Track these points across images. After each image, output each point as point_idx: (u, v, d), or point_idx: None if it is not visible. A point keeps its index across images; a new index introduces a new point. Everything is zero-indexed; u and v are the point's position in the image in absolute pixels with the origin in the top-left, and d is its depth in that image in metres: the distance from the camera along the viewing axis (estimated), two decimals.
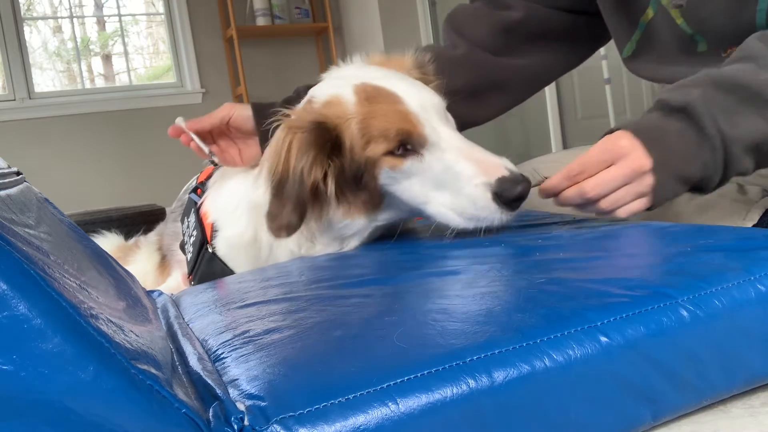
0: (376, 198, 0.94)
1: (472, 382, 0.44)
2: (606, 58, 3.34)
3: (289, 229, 0.91)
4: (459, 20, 1.27)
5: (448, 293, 0.63)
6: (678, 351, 0.50)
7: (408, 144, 0.90)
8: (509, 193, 0.84)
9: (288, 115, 0.94)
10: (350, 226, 0.97)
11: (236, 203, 1.08)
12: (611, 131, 0.82)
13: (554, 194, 0.84)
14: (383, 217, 0.98)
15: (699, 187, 0.82)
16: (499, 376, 0.44)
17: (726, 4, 0.92)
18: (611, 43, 1.19)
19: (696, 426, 0.51)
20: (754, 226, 0.94)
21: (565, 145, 3.87)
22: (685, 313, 0.50)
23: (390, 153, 0.90)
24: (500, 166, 0.87)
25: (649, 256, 0.64)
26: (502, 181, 0.85)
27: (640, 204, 0.81)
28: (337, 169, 0.92)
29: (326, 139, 0.91)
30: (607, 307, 0.50)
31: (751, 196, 0.95)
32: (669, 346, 0.49)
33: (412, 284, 0.69)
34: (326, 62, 4.67)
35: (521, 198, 0.85)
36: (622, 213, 0.81)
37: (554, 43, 1.22)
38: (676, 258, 0.62)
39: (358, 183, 0.92)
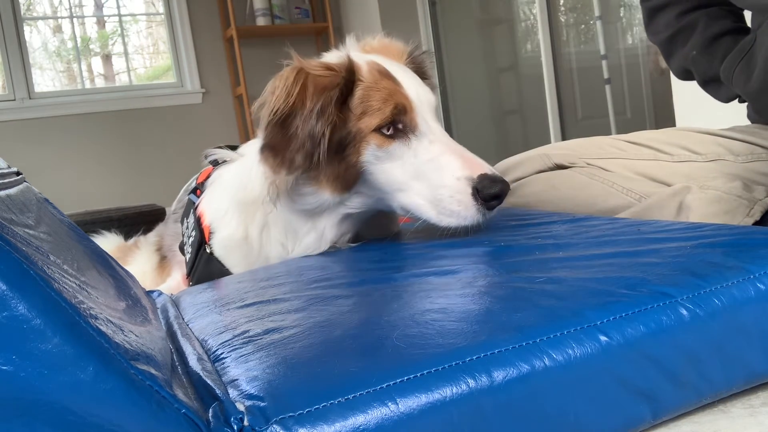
0: (351, 176, 0.93)
1: (471, 382, 0.44)
2: (606, 58, 3.34)
3: (291, 168, 0.90)
4: None
5: (448, 293, 0.63)
6: (678, 350, 0.50)
7: (399, 124, 0.92)
8: (489, 190, 0.87)
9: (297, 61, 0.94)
10: (315, 197, 0.96)
11: (226, 206, 1.09)
12: None
13: None
14: (351, 202, 0.97)
15: None
16: (499, 375, 0.44)
17: None
18: (611, 43, 1.19)
19: (696, 426, 0.50)
20: (756, 223, 0.94)
21: None
22: (684, 312, 0.50)
23: (380, 131, 0.91)
24: (483, 165, 0.89)
25: (648, 254, 0.64)
26: (483, 177, 0.88)
27: None
28: (332, 127, 0.91)
29: (343, 87, 0.92)
30: (607, 307, 0.50)
31: (756, 194, 0.95)
32: (668, 345, 0.49)
33: (411, 284, 0.69)
34: None
35: (499, 197, 0.87)
36: None
37: None
38: (675, 257, 0.62)
39: (339, 153, 0.92)
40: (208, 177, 1.19)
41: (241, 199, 1.06)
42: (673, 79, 2.25)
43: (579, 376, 0.46)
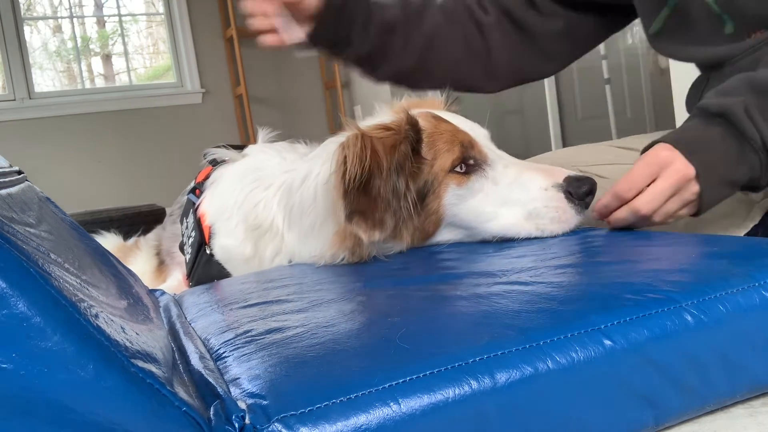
0: (431, 224, 0.93)
1: (474, 383, 0.43)
2: (606, 58, 3.34)
3: (382, 229, 0.89)
4: None
5: (451, 295, 0.63)
6: (681, 355, 0.49)
7: (470, 159, 0.93)
8: (581, 189, 0.88)
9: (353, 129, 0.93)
10: (391, 249, 0.95)
11: (230, 211, 1.08)
12: (650, 145, 0.84)
13: (607, 214, 0.85)
14: (425, 246, 0.96)
15: (749, 187, 0.84)
16: (502, 377, 0.44)
17: None
18: (611, 43, 1.19)
19: (696, 426, 0.50)
20: (755, 226, 0.94)
21: (565, 145, 3.87)
22: (689, 317, 0.50)
23: (454, 171, 0.92)
24: (563, 170, 0.91)
25: (654, 261, 0.64)
26: (569, 179, 0.89)
27: (687, 211, 0.83)
28: (411, 178, 0.91)
29: (412, 139, 0.92)
30: (611, 311, 0.50)
31: (754, 197, 0.95)
32: (672, 350, 0.49)
33: (414, 287, 0.69)
34: (326, 62, 4.66)
35: (591, 192, 0.89)
36: (670, 220, 0.83)
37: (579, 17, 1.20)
38: (681, 264, 0.62)
39: (420, 204, 0.92)
40: (207, 177, 1.19)
41: (251, 224, 1.05)
42: (673, 78, 2.25)
43: (582, 380, 0.46)
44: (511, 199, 0.90)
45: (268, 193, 1.06)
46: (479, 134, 0.97)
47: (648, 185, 0.80)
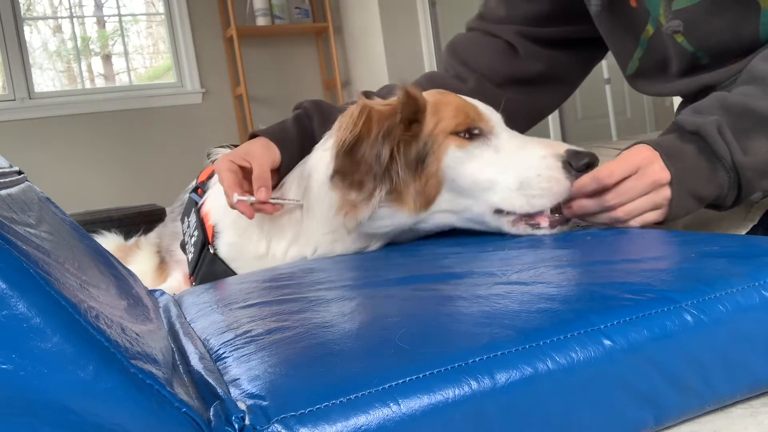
0: (432, 187, 0.93)
1: (474, 384, 0.43)
2: (606, 58, 3.34)
3: (360, 190, 0.90)
4: (463, 50, 1.27)
5: (451, 295, 0.62)
6: (681, 355, 0.49)
7: (475, 129, 0.93)
8: (581, 161, 0.87)
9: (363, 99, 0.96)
10: (390, 220, 0.95)
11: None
12: (631, 146, 0.84)
13: (581, 196, 0.86)
14: (427, 224, 0.97)
15: (714, 205, 0.86)
16: (501, 377, 0.44)
17: (725, 22, 0.93)
18: None
19: (696, 426, 0.50)
20: (754, 226, 0.94)
21: None
22: (689, 317, 0.50)
23: (456, 134, 0.92)
24: (565, 144, 0.91)
25: (654, 261, 0.64)
26: (569, 151, 0.88)
27: (655, 215, 0.83)
28: (404, 145, 0.92)
29: (406, 110, 0.93)
30: (611, 311, 0.50)
31: (753, 197, 0.95)
32: (672, 350, 0.49)
33: (414, 287, 0.68)
34: (326, 62, 4.67)
35: (591, 165, 0.87)
36: (635, 223, 0.84)
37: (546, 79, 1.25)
38: (680, 263, 0.62)
39: (419, 166, 0.92)
40: (210, 176, 1.18)
41: (264, 221, 1.05)
42: None
43: (582, 380, 0.46)
44: (509, 167, 0.90)
45: (282, 191, 1.06)
46: (490, 111, 0.97)
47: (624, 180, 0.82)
